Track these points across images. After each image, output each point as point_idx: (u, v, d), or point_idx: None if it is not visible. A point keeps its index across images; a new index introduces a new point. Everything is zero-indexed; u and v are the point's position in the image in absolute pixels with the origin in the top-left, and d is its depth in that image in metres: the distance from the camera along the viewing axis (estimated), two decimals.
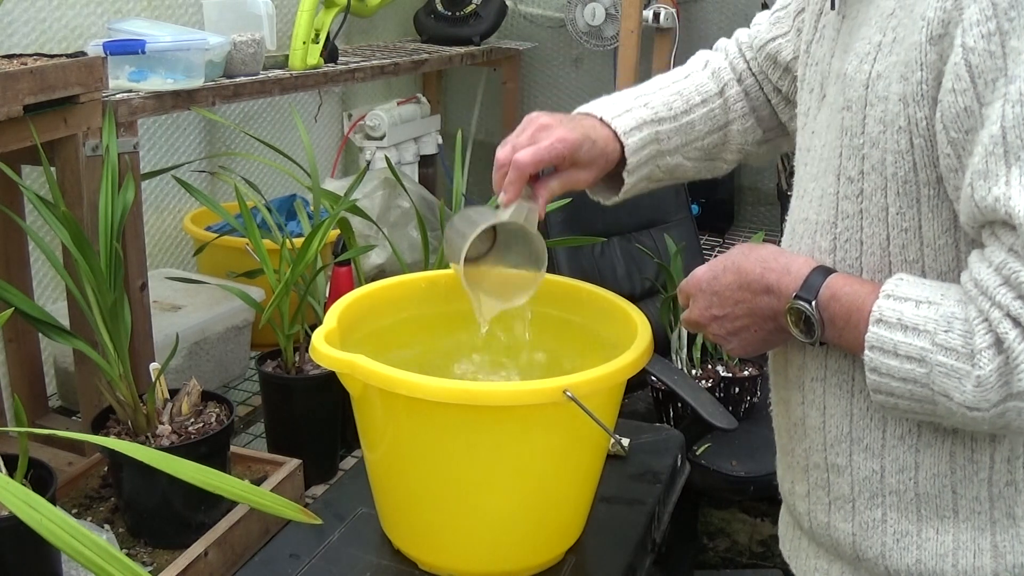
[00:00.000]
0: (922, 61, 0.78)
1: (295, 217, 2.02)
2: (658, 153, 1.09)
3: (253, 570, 1.14)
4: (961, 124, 0.76)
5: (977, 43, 0.74)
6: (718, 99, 1.13)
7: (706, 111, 1.11)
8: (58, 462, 1.41)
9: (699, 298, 0.97)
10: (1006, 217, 0.73)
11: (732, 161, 1.15)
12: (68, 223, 1.25)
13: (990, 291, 0.75)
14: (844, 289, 0.85)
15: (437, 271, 1.42)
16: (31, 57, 1.35)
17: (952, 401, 0.77)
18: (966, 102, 0.75)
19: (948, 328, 0.76)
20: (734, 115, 1.13)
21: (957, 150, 0.77)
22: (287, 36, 2.08)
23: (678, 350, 1.99)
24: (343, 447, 1.59)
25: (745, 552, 2.43)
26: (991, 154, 0.74)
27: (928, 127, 0.80)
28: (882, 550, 0.91)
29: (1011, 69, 0.73)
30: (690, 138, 1.11)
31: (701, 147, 1.12)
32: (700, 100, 1.12)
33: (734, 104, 1.13)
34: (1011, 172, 0.73)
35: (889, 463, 0.90)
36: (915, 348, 0.78)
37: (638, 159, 1.07)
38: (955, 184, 0.79)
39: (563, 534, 1.16)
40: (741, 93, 1.14)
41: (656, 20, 2.69)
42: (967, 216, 0.78)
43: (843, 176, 0.88)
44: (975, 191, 0.75)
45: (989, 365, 0.74)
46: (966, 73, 0.75)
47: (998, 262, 0.75)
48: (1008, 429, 0.77)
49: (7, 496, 0.67)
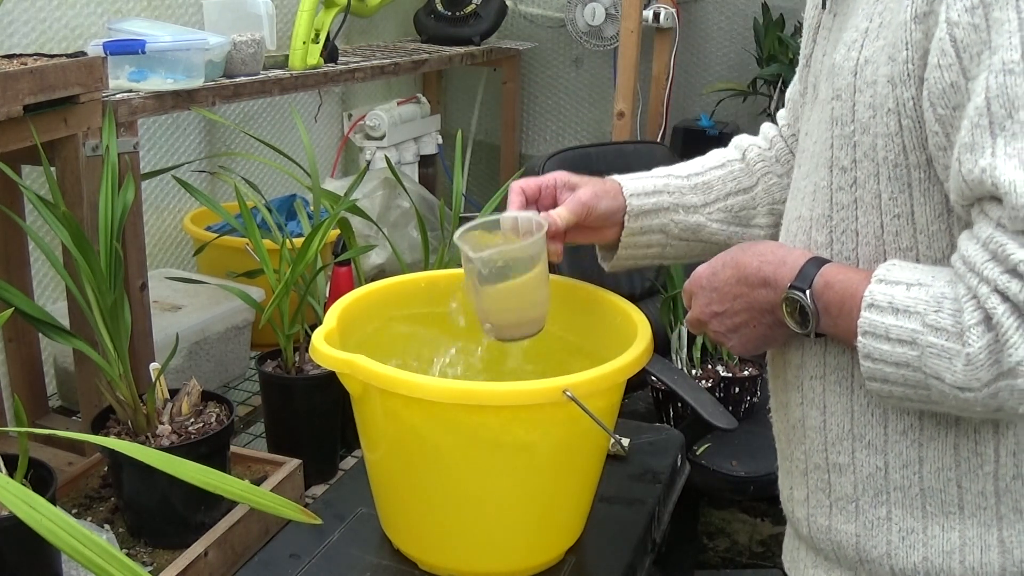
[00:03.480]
0: (908, 40, 0.78)
1: (295, 217, 2.03)
2: (672, 207, 1.12)
3: (253, 570, 1.14)
4: (948, 100, 0.76)
5: (961, 16, 0.74)
6: (738, 163, 1.15)
7: (724, 172, 1.15)
8: (58, 462, 1.41)
9: (700, 295, 0.97)
10: (992, 188, 0.72)
11: (766, 225, 1.15)
12: (68, 223, 1.25)
13: (977, 267, 0.74)
14: (838, 277, 0.85)
15: (437, 271, 1.42)
16: (31, 57, 1.35)
17: (944, 383, 0.76)
18: (952, 77, 0.75)
19: (938, 308, 0.76)
20: (757, 175, 1.15)
21: (945, 127, 0.77)
22: (287, 36, 2.08)
23: (678, 350, 1.99)
24: (343, 447, 1.59)
25: (745, 552, 2.43)
26: (976, 126, 0.73)
27: (915, 107, 0.80)
28: (887, 549, 0.91)
29: (994, 40, 0.72)
30: (710, 198, 1.13)
31: (725, 208, 1.14)
32: (718, 164, 1.16)
33: (755, 164, 1.15)
34: (996, 143, 0.72)
35: (892, 458, 0.89)
36: (906, 330, 0.77)
37: (641, 206, 1.10)
38: (944, 163, 0.79)
39: (563, 534, 1.16)
40: (763, 156, 1.16)
41: (656, 20, 2.69)
42: (956, 193, 0.77)
43: (836, 167, 0.88)
44: (962, 165, 0.75)
45: (979, 342, 0.73)
46: (951, 48, 0.74)
47: (985, 237, 0.74)
48: (1002, 411, 0.76)
49: (7, 496, 0.67)
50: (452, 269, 1.36)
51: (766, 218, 1.15)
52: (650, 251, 1.14)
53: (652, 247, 1.14)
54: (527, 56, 3.05)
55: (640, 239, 1.13)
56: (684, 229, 1.13)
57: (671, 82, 2.79)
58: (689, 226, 1.13)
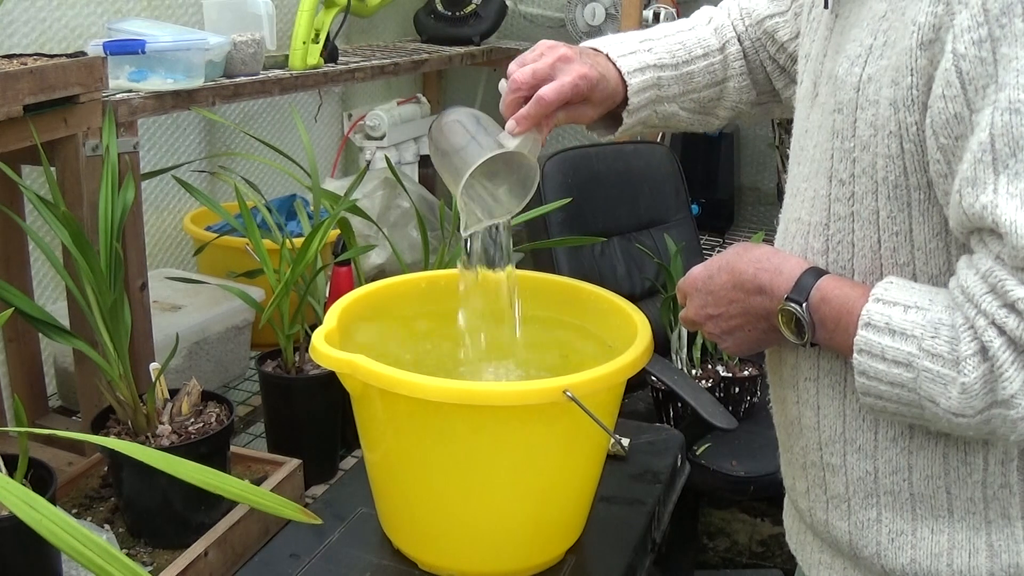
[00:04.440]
0: (912, 66, 0.78)
1: (295, 217, 2.02)
2: (657, 99, 1.12)
3: (253, 570, 1.14)
4: (951, 130, 0.76)
5: (968, 49, 0.74)
6: (719, 55, 1.15)
7: (706, 64, 1.14)
8: (58, 462, 1.41)
9: (695, 297, 0.97)
10: (993, 225, 0.73)
11: (724, 118, 1.18)
12: (68, 223, 1.25)
13: (976, 298, 0.75)
14: (834, 292, 0.85)
15: (437, 271, 1.42)
16: (31, 57, 1.35)
17: (938, 406, 0.77)
18: (956, 108, 0.75)
19: (935, 334, 0.77)
20: (732, 72, 1.15)
21: (947, 156, 0.77)
22: (287, 36, 2.08)
23: (678, 350, 1.99)
24: (343, 447, 1.59)
25: (745, 552, 2.43)
26: (979, 161, 0.73)
27: (918, 132, 0.80)
28: (877, 549, 0.92)
29: (1001, 76, 0.72)
30: (688, 88, 1.13)
31: (697, 99, 1.15)
32: (702, 53, 1.14)
33: (733, 62, 1.15)
34: (999, 180, 0.73)
35: (882, 464, 0.90)
36: (902, 353, 0.78)
37: (638, 101, 1.10)
38: (944, 189, 0.79)
39: (563, 534, 1.16)
40: (740, 53, 1.16)
41: (656, 20, 2.69)
42: (956, 222, 0.78)
43: (835, 179, 0.88)
44: (963, 198, 0.75)
45: (974, 372, 0.74)
46: (956, 79, 0.75)
47: (984, 269, 0.75)
48: (994, 435, 0.77)
49: (7, 496, 0.67)
50: (452, 269, 1.36)
51: (726, 111, 1.17)
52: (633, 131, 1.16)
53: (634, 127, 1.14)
54: None
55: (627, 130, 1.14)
56: (661, 117, 1.14)
57: None
58: (664, 114, 1.14)
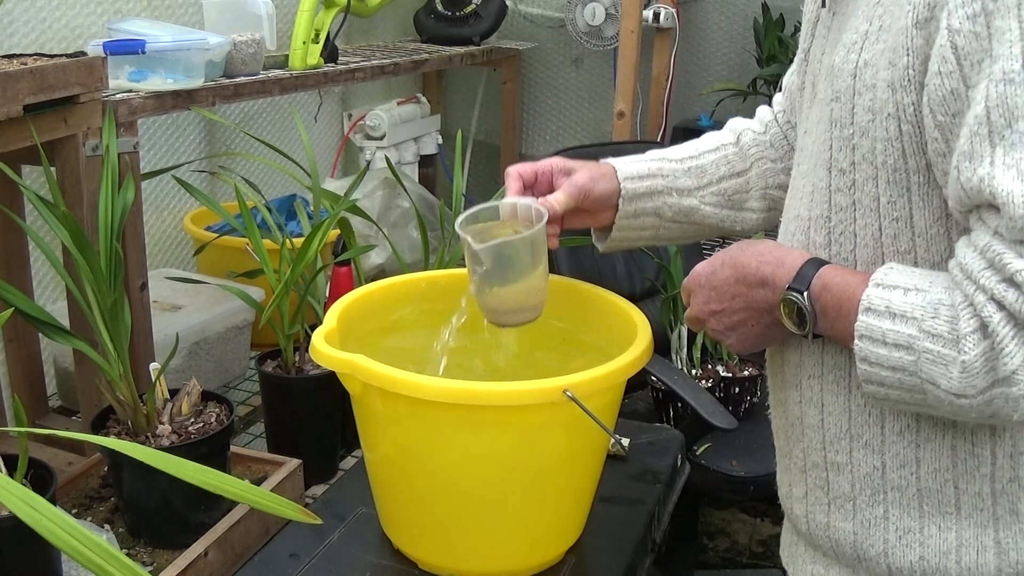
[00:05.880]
0: (908, 46, 0.78)
1: (295, 217, 2.03)
2: (665, 190, 1.12)
3: (253, 570, 1.14)
4: (948, 107, 0.76)
5: (963, 24, 0.74)
6: (733, 147, 1.16)
7: (718, 156, 1.15)
8: (58, 462, 1.41)
9: (698, 293, 0.97)
10: (990, 197, 0.73)
11: (759, 209, 1.16)
12: (68, 223, 1.25)
13: (974, 274, 0.74)
14: (835, 280, 0.85)
15: (437, 271, 1.42)
16: (31, 57, 1.35)
17: (939, 388, 0.76)
18: (952, 85, 0.75)
19: (935, 314, 0.76)
20: (751, 159, 1.15)
21: (944, 134, 0.77)
22: (287, 36, 2.08)
23: (678, 350, 1.99)
24: (343, 447, 1.59)
25: (745, 552, 2.43)
26: (976, 134, 0.73)
27: (916, 112, 0.80)
28: (884, 548, 0.91)
29: (995, 48, 0.72)
30: (703, 181, 1.14)
31: (719, 191, 1.14)
32: (712, 147, 1.16)
33: (749, 149, 1.15)
34: (995, 152, 0.73)
35: (890, 459, 0.89)
36: (903, 335, 0.77)
37: (635, 189, 1.11)
38: (943, 169, 0.79)
39: (563, 534, 1.16)
40: (757, 140, 1.16)
41: (656, 20, 2.69)
42: (954, 200, 0.78)
43: (834, 168, 0.88)
44: (961, 173, 0.75)
45: (974, 350, 0.73)
46: (952, 55, 0.75)
47: (982, 245, 0.74)
48: (997, 417, 0.76)
49: (7, 496, 0.67)
50: (452, 269, 1.36)
51: (759, 202, 1.15)
52: (644, 233, 1.15)
53: (646, 229, 1.14)
54: (527, 56, 3.05)
55: (634, 221, 1.13)
56: (678, 212, 1.13)
57: (671, 82, 2.79)
58: (683, 209, 1.13)
